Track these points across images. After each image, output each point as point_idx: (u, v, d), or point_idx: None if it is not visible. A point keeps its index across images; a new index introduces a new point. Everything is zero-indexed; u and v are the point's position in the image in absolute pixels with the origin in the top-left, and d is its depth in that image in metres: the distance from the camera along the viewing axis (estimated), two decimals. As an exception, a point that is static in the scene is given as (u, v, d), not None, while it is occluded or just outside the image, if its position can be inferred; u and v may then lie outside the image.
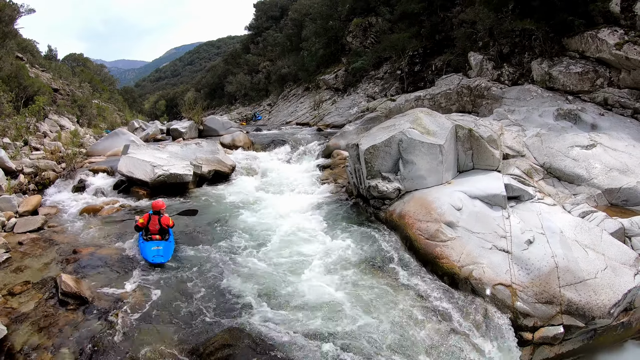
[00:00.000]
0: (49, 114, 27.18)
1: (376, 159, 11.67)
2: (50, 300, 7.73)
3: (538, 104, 16.18)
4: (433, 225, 9.53)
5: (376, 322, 7.27)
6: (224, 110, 67.73)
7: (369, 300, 7.93)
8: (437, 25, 28.60)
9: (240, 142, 22.70)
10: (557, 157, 12.59)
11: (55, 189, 14.94)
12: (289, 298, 7.98)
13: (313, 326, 7.10)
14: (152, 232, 9.88)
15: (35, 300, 7.73)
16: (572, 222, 9.46)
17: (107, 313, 7.36)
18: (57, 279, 8.09)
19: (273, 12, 75.56)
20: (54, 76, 38.08)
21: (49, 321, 7.12)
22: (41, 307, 7.50)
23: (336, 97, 38.21)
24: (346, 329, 7.06)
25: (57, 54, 57.59)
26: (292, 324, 7.16)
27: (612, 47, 14.60)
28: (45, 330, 6.89)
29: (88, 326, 7.01)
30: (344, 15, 42.75)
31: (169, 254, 9.47)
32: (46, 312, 7.38)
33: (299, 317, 7.36)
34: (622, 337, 8.15)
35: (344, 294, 8.06)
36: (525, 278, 8.12)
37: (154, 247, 9.43)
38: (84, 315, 7.34)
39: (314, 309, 7.62)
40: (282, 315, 7.41)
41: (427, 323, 7.32)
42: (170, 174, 14.63)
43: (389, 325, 7.20)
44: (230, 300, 7.90)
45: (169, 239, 9.98)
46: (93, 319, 7.22)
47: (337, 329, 7.03)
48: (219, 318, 7.30)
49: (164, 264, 9.15)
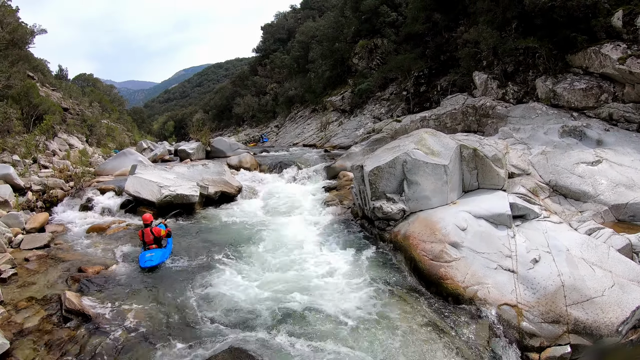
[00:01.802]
0: (58, 132, 27.54)
1: (380, 180, 11.67)
2: (53, 317, 7.78)
3: (543, 121, 16.17)
4: (437, 245, 9.48)
5: (380, 344, 7.19)
6: (231, 131, 68.29)
7: (372, 322, 7.84)
8: (441, 45, 28.80)
9: (247, 163, 22.81)
10: (563, 175, 12.55)
11: (62, 207, 15.06)
12: (290, 319, 7.92)
13: (313, 348, 7.04)
14: (148, 243, 10.80)
15: (39, 316, 7.78)
16: (579, 240, 9.36)
17: (109, 331, 7.39)
18: (62, 296, 8.16)
19: (280, 34, 76.54)
20: (64, 95, 38.56)
21: (51, 337, 7.18)
22: (45, 323, 7.55)
23: (343, 119, 38.44)
24: (350, 351, 6.98)
25: (67, 73, 58.22)
26: (294, 346, 7.10)
27: (616, 61, 14.63)
28: (47, 346, 6.94)
29: (90, 343, 7.04)
30: (349, 37, 43.25)
31: (160, 258, 10.29)
32: (49, 328, 7.44)
33: (299, 339, 7.30)
34: (632, 356, 7.96)
35: (347, 317, 7.98)
36: (531, 297, 8.04)
37: (148, 254, 10.33)
38: (87, 332, 7.36)
39: (316, 330, 7.56)
40: (283, 337, 7.35)
41: (432, 345, 7.22)
42: (177, 194, 14.73)
43: (393, 347, 7.12)
44: (232, 320, 7.87)
45: (167, 246, 11.01)
46: (95, 336, 7.24)
47: (340, 350, 6.96)
48: (220, 337, 7.27)
49: (155, 266, 10.03)
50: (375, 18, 39.10)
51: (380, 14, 38.54)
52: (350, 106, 39.27)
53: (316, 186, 18.34)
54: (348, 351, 6.99)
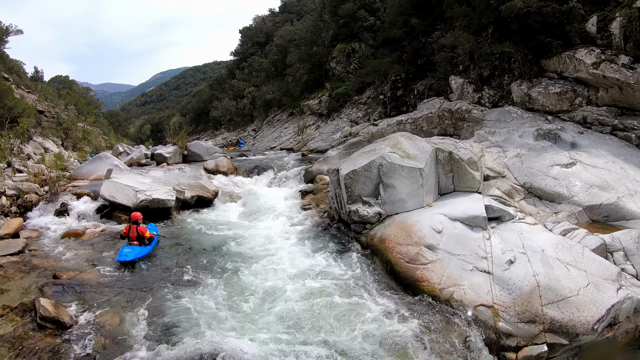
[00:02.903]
0: (33, 136, 26.85)
1: (356, 184, 11.63)
2: (28, 325, 7.57)
3: (518, 125, 16.30)
4: (413, 248, 9.46)
5: (357, 346, 7.12)
6: (209, 135, 67.73)
7: (348, 324, 7.79)
8: (418, 50, 28.93)
9: (224, 167, 22.62)
10: (538, 177, 12.63)
11: (37, 212, 14.71)
12: (264, 323, 7.87)
13: (290, 350, 6.95)
14: (131, 239, 11.17)
15: (13, 323, 7.57)
16: (553, 241, 9.45)
17: (85, 338, 7.24)
18: (36, 303, 7.91)
19: (258, 37, 76.17)
20: (39, 98, 37.68)
21: (26, 345, 6.99)
22: (19, 332, 7.33)
23: (320, 122, 38.39)
24: (324, 351, 6.93)
25: (43, 75, 56.85)
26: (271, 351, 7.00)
27: (590, 66, 14.80)
28: (22, 355, 6.75)
29: (66, 351, 6.90)
30: (327, 42, 43.25)
31: (135, 255, 10.65)
32: (24, 336, 7.24)
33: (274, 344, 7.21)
34: (607, 353, 8.04)
35: (322, 319, 7.92)
36: (507, 298, 8.06)
37: (126, 249, 10.73)
38: (62, 340, 7.20)
39: (293, 333, 7.50)
40: (260, 341, 7.26)
41: (409, 347, 7.18)
42: (153, 199, 14.50)
43: (371, 349, 7.05)
44: (207, 324, 7.81)
45: (150, 244, 11.46)
46: (71, 344, 7.09)
47: (314, 351, 6.91)
48: (196, 342, 7.14)
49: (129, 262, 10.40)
50: (353, 22, 39.16)
51: (358, 18, 38.63)
52: (328, 110, 39.22)
53: (293, 190, 18.25)
54: (321, 351, 6.94)
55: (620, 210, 11.08)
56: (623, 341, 8.10)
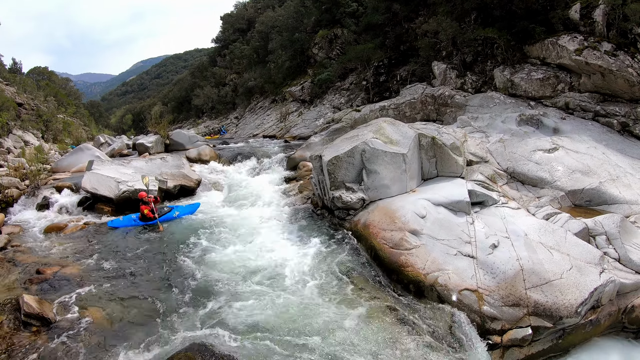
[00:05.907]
0: (13, 129, 26.40)
1: (339, 170, 11.52)
2: (12, 322, 7.36)
3: (501, 110, 16.32)
4: (397, 234, 9.40)
5: (340, 332, 7.05)
6: (191, 123, 67.29)
7: (332, 310, 7.72)
8: (401, 35, 28.82)
9: (206, 156, 22.35)
10: (520, 162, 12.65)
11: (19, 207, 14.52)
12: (250, 312, 7.72)
13: (274, 340, 6.86)
14: (148, 216, 12.64)
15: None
16: (537, 225, 9.44)
17: (70, 334, 7.06)
18: (20, 300, 7.69)
19: (240, 24, 75.41)
20: (18, 90, 37.00)
21: (10, 343, 6.81)
22: (3, 329, 7.13)
23: (302, 109, 38.25)
24: (308, 340, 6.84)
25: (21, 67, 55.88)
26: (256, 339, 6.91)
27: (572, 53, 14.85)
28: (6, 353, 6.59)
29: (51, 348, 6.72)
30: (309, 28, 43.01)
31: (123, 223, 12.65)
32: (8, 333, 7.05)
33: (261, 332, 7.12)
34: (591, 335, 8.06)
35: (305, 307, 7.83)
36: (491, 282, 8.04)
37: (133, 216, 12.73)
38: (47, 336, 7.02)
39: (277, 322, 7.38)
40: (246, 330, 7.17)
41: (394, 332, 7.13)
42: (135, 189, 14.27)
43: (354, 335, 6.99)
44: (193, 315, 7.71)
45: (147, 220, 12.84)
46: (57, 340, 6.91)
47: (298, 341, 6.81)
48: (183, 333, 7.07)
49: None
50: (336, 8, 38.99)
51: (341, 4, 38.45)
52: (310, 96, 39.08)
53: (276, 177, 18.05)
54: (305, 340, 6.85)
55: (602, 194, 11.14)
56: (606, 324, 8.13)
